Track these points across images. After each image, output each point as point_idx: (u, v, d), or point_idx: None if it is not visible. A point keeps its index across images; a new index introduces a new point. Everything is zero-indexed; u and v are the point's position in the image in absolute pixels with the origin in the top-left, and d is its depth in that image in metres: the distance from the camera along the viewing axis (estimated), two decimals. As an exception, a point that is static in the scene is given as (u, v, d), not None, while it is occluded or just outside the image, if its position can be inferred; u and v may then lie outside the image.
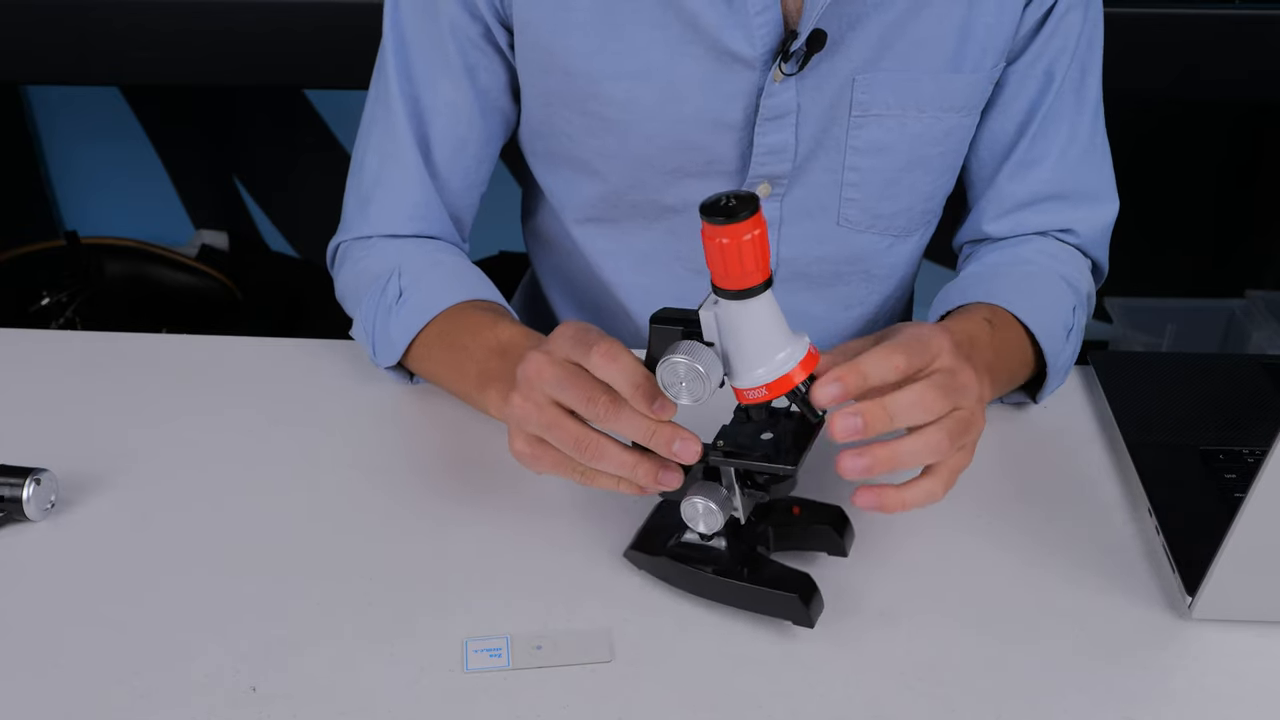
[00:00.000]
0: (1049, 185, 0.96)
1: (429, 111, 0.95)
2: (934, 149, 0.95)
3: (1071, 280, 0.94)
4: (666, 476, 0.69)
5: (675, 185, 0.97)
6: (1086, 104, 0.96)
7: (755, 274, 0.62)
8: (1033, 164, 0.96)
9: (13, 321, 1.86)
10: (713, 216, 0.61)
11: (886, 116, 0.93)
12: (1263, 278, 2.10)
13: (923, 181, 0.98)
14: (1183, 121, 2.05)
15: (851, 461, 0.65)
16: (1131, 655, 0.70)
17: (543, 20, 0.90)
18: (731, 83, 0.90)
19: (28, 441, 0.87)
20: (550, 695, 0.67)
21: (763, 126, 0.92)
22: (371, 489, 0.84)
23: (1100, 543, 0.79)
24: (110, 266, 2.05)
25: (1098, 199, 0.98)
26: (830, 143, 0.94)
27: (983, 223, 0.99)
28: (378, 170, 0.97)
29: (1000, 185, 0.97)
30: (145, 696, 0.67)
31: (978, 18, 0.90)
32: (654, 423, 0.67)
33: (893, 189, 0.97)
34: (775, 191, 0.96)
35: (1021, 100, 0.95)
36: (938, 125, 0.94)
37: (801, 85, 0.90)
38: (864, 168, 0.95)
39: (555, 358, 0.69)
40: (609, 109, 0.93)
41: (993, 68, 0.93)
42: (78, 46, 1.54)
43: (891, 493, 0.68)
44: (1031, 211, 0.97)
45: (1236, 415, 0.89)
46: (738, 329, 0.64)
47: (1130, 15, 1.43)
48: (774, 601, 0.71)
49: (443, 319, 0.89)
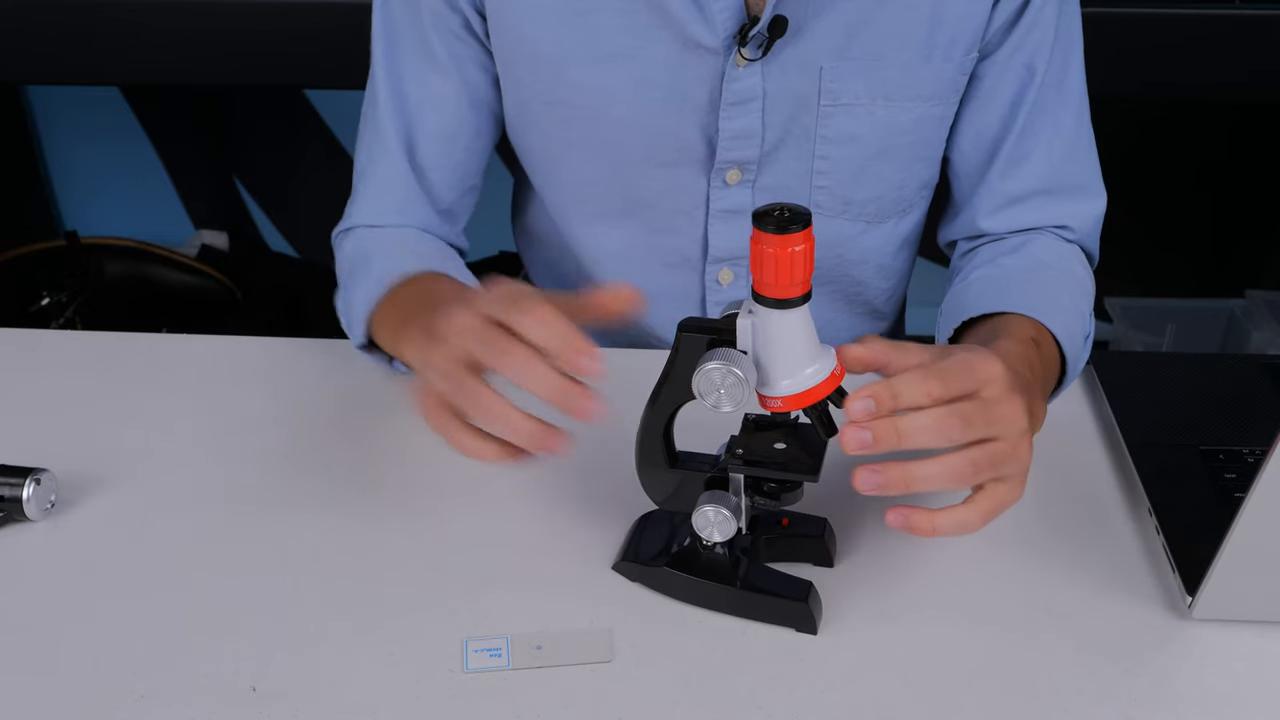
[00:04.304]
0: (1039, 180, 0.96)
1: (416, 105, 0.96)
2: (904, 138, 0.96)
3: (1084, 284, 0.94)
4: (554, 440, 0.67)
5: (647, 176, 0.97)
6: (1070, 97, 0.96)
7: (798, 285, 0.63)
8: (1022, 160, 0.96)
9: (13, 321, 1.86)
10: (764, 225, 0.62)
11: (855, 106, 0.93)
12: (1263, 278, 2.10)
13: (893, 169, 0.98)
14: (1183, 121, 2.05)
15: (865, 476, 0.64)
16: (1131, 655, 0.70)
17: (511, 6, 0.91)
18: (696, 68, 0.91)
19: (28, 441, 0.87)
20: (550, 695, 0.67)
21: (727, 111, 0.92)
22: (371, 489, 0.84)
23: (1100, 543, 0.79)
24: (110, 266, 2.05)
25: (1086, 192, 0.98)
26: (799, 131, 0.95)
27: (977, 219, 0.98)
28: (365, 165, 0.99)
29: (992, 182, 0.97)
30: (145, 696, 0.67)
31: (948, 6, 0.90)
32: (559, 376, 0.65)
33: (863, 176, 0.97)
34: (745, 178, 0.97)
35: (1003, 94, 0.95)
36: (907, 114, 0.94)
37: (767, 71, 0.91)
38: (834, 156, 0.96)
39: (478, 312, 0.67)
40: (578, 95, 0.94)
41: (964, 57, 0.93)
42: (78, 46, 1.54)
43: (922, 515, 0.66)
44: (1024, 207, 0.97)
45: (1236, 415, 0.89)
46: (772, 338, 0.65)
47: (1130, 15, 1.43)
48: (778, 609, 0.71)
49: (400, 289, 0.88)
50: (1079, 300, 0.91)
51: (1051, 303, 0.87)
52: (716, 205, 0.98)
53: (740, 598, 0.71)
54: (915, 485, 0.65)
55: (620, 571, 0.75)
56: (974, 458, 0.65)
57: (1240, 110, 2.02)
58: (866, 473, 0.64)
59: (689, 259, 1.02)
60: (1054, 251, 0.96)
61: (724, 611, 0.72)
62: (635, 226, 1.01)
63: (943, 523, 0.66)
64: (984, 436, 0.65)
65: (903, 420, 0.64)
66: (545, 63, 0.93)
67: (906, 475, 0.64)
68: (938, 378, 0.65)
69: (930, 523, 0.66)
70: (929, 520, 0.66)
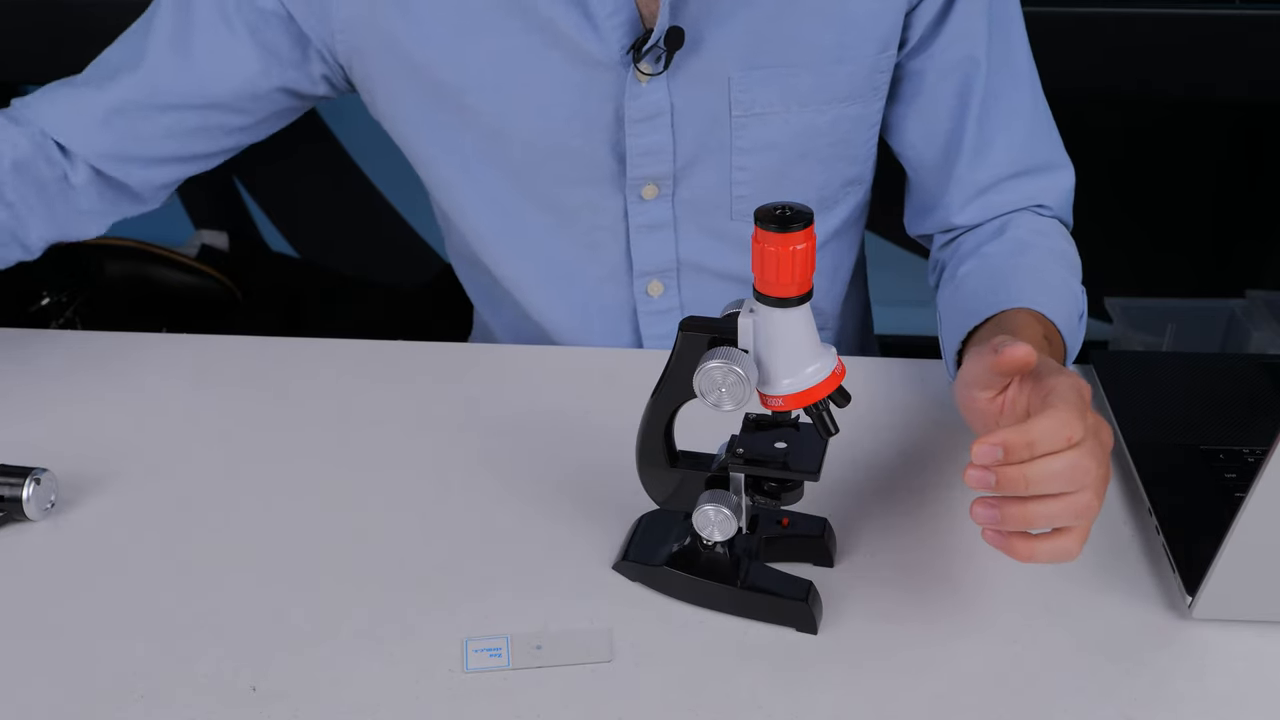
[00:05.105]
0: (1006, 165, 0.95)
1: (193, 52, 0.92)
2: (821, 140, 0.95)
3: (1070, 258, 0.93)
4: None
5: (561, 194, 0.96)
6: (1021, 77, 0.95)
7: (799, 284, 0.63)
8: (985, 148, 0.95)
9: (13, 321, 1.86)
10: (766, 224, 0.62)
11: (769, 114, 0.92)
12: (1263, 278, 2.09)
13: (814, 172, 0.97)
14: (1183, 121, 2.04)
15: (982, 513, 0.62)
16: (1131, 655, 0.70)
17: (399, 37, 0.90)
18: (597, 85, 0.90)
19: (28, 441, 0.87)
20: (550, 695, 0.67)
21: (634, 128, 0.91)
22: (371, 489, 0.84)
23: (1100, 543, 0.79)
24: (110, 266, 2.05)
25: (1053, 167, 0.97)
26: (714, 143, 0.93)
27: (951, 215, 0.97)
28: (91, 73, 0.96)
29: (961, 176, 0.96)
30: (145, 696, 0.67)
31: (857, 5, 0.89)
32: None
33: (783, 182, 0.96)
34: (663, 192, 0.95)
35: (947, 88, 0.94)
36: (822, 117, 0.93)
37: (673, 84, 0.90)
38: (751, 166, 0.95)
39: None
40: (480, 119, 0.92)
41: (878, 55, 0.91)
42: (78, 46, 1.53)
43: (1021, 543, 0.63)
44: (995, 193, 0.95)
45: (1236, 415, 0.89)
46: (773, 337, 0.65)
47: (1130, 15, 1.43)
48: (778, 609, 0.71)
49: None
50: (1068, 278, 0.90)
51: (1046, 289, 0.86)
52: (636, 220, 0.97)
53: (740, 597, 0.71)
54: (1034, 525, 0.62)
55: (620, 571, 0.75)
56: (1098, 491, 0.63)
57: (1240, 110, 2.02)
58: (983, 509, 0.62)
59: (615, 273, 1.00)
60: (1034, 228, 0.94)
61: (724, 611, 0.72)
62: (559, 243, 0.99)
63: (1043, 551, 0.63)
64: (1101, 468, 0.63)
65: (1033, 468, 0.61)
66: (445, 90, 0.91)
67: (1025, 515, 0.62)
68: (1077, 422, 0.62)
69: (1030, 550, 0.63)
70: (1028, 547, 0.63)
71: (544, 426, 0.89)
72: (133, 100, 0.94)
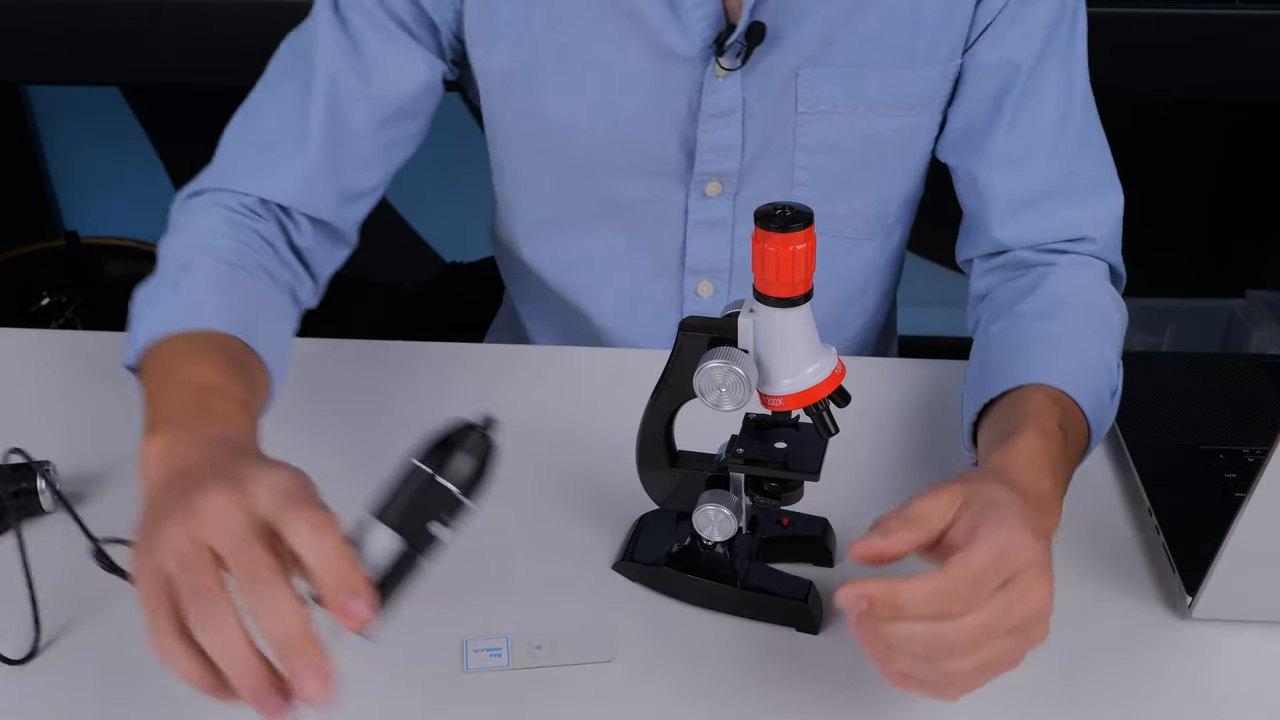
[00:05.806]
0: (1046, 178, 0.90)
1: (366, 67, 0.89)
2: (886, 147, 0.94)
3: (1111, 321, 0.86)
4: (276, 705, 0.52)
5: (623, 185, 0.96)
6: (1074, 93, 0.91)
7: (800, 284, 0.63)
8: (1025, 159, 0.90)
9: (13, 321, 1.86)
10: (766, 224, 0.62)
11: (833, 113, 0.91)
12: (1263, 278, 2.09)
13: (877, 183, 0.96)
14: (1183, 121, 2.04)
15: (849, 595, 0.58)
16: (1131, 655, 0.70)
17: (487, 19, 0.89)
18: (673, 78, 0.89)
19: (28, 441, 0.87)
20: (550, 695, 0.67)
21: (706, 123, 0.91)
22: (371, 489, 0.84)
23: (1100, 543, 0.79)
24: (110, 266, 2.05)
25: (1100, 187, 0.91)
26: (779, 140, 0.93)
27: (991, 228, 0.91)
28: (274, 124, 0.91)
29: (995, 185, 0.90)
30: (145, 696, 0.67)
31: (928, 11, 0.88)
32: (303, 629, 0.51)
33: (845, 189, 0.95)
34: (726, 190, 0.95)
35: (986, 89, 0.90)
36: (888, 123, 0.92)
37: (746, 81, 0.89)
38: (814, 166, 0.94)
39: (245, 507, 0.53)
40: (551, 107, 0.92)
41: (946, 63, 0.90)
42: (78, 46, 1.54)
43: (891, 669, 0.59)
44: (1035, 213, 0.90)
45: (1236, 415, 0.89)
46: (773, 337, 0.65)
47: (1131, 15, 1.43)
48: (778, 609, 0.71)
49: (184, 365, 0.70)
50: (1105, 348, 0.82)
51: (1074, 362, 0.79)
52: (695, 217, 0.97)
53: (740, 597, 0.71)
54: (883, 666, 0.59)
55: (620, 571, 0.75)
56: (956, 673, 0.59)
57: (1240, 110, 2.02)
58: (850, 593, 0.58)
59: (667, 267, 1.00)
60: (1074, 282, 0.87)
61: (724, 611, 0.72)
62: (613, 233, 0.99)
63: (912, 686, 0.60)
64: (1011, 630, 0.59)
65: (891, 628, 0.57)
66: (517, 73, 0.91)
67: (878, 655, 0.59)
68: (958, 600, 0.57)
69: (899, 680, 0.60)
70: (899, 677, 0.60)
71: (544, 426, 0.89)
72: (332, 137, 0.89)
